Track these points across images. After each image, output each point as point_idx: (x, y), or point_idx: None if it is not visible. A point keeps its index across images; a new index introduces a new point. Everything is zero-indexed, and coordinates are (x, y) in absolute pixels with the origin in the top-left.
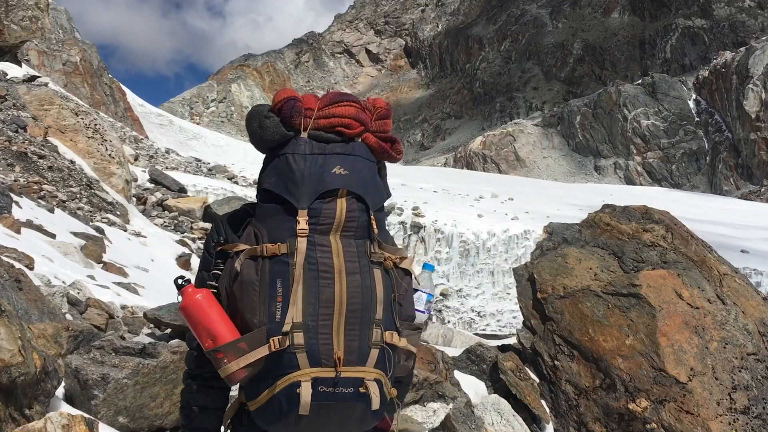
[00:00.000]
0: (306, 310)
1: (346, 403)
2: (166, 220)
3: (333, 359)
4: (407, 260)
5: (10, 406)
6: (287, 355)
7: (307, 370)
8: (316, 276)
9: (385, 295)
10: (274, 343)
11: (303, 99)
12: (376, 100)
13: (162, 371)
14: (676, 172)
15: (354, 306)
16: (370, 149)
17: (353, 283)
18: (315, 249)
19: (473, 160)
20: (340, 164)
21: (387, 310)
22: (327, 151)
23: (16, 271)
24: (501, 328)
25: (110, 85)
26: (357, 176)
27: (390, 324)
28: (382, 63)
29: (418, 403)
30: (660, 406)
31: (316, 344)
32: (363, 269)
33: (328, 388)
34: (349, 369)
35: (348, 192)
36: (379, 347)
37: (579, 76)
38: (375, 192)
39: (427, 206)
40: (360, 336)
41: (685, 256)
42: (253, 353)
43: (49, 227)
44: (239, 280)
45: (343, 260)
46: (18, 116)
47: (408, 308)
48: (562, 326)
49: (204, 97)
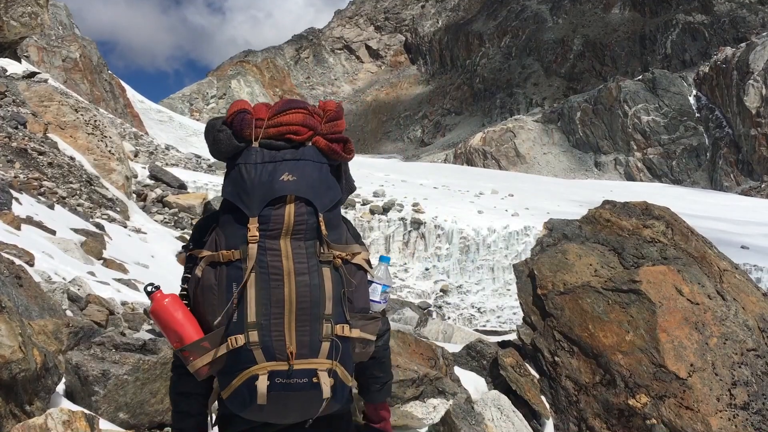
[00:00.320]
0: (259, 311)
1: (300, 392)
2: (166, 216)
3: (286, 353)
4: (360, 256)
5: (10, 403)
6: (245, 351)
7: (263, 364)
8: (267, 278)
9: (335, 292)
10: (231, 342)
11: (255, 109)
12: (326, 102)
13: (162, 367)
14: (677, 168)
15: (303, 304)
16: (321, 151)
17: (302, 283)
18: (266, 253)
19: (473, 157)
20: (289, 171)
21: (337, 305)
22: (277, 158)
23: (17, 267)
24: (501, 324)
25: (110, 82)
26: (305, 181)
27: (340, 318)
28: (382, 59)
29: (419, 399)
30: (660, 402)
31: (270, 341)
32: (312, 269)
33: (284, 379)
34: (301, 362)
35: (296, 197)
36: (330, 340)
37: (579, 71)
38: (324, 194)
39: (427, 202)
40: (311, 331)
41: (685, 252)
42: (214, 351)
43: (49, 223)
44: (200, 285)
45: (292, 262)
46: (18, 112)
47: (360, 301)
48: (562, 322)
49: (204, 93)
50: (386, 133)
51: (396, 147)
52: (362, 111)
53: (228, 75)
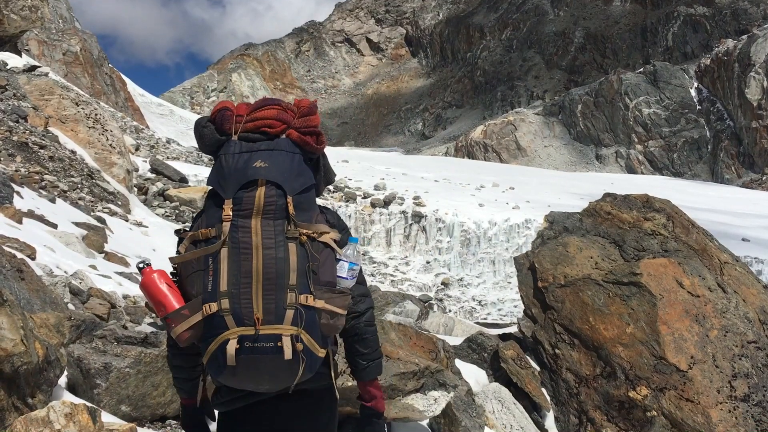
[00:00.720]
0: (230, 281)
1: (267, 356)
2: (167, 209)
3: (253, 319)
4: (327, 235)
5: (12, 396)
6: (218, 318)
7: (234, 329)
8: (238, 252)
9: (299, 265)
10: (206, 309)
11: (237, 108)
12: (301, 100)
13: (164, 360)
14: (678, 161)
15: (269, 275)
16: (294, 143)
17: (268, 256)
18: (237, 230)
19: (474, 150)
20: (262, 159)
21: (301, 276)
22: (253, 148)
23: (18, 261)
24: (502, 317)
25: (111, 75)
26: (276, 168)
27: (305, 288)
28: (383, 52)
29: (419, 392)
30: (660, 394)
31: (239, 308)
32: (278, 244)
33: (251, 343)
34: (267, 327)
35: (267, 181)
36: (294, 308)
37: (580, 64)
38: (294, 179)
39: (428, 196)
40: (276, 299)
41: (686, 244)
42: (192, 318)
43: (50, 217)
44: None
45: (260, 238)
46: (18, 106)
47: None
48: (562, 315)
49: (204, 86)
50: (387, 126)
51: (397, 140)
52: (363, 104)
53: (229, 68)
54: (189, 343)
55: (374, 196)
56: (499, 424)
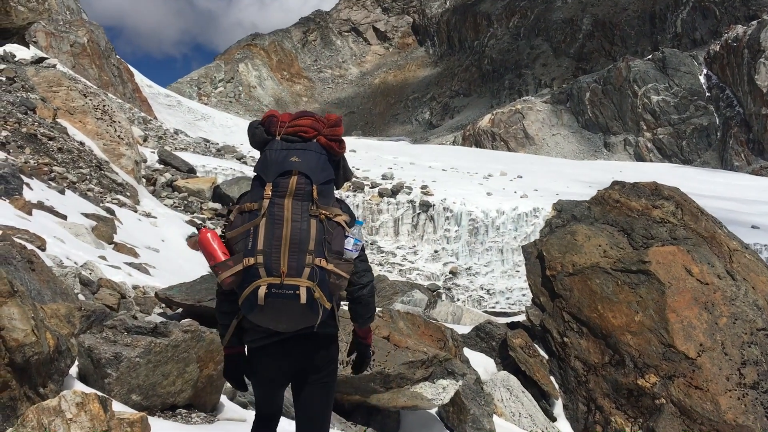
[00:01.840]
0: (266, 243)
1: (287, 300)
2: (175, 200)
3: (280, 272)
4: (340, 217)
5: (24, 385)
6: (254, 269)
7: (265, 278)
8: (273, 222)
9: (317, 236)
10: (246, 261)
11: (282, 116)
12: (330, 115)
13: (174, 350)
14: (687, 148)
15: (294, 240)
16: (322, 146)
17: (295, 227)
18: (274, 206)
19: (482, 138)
20: (297, 156)
21: (318, 245)
22: (291, 147)
23: (29, 252)
24: (510, 305)
25: (118, 66)
26: (307, 163)
27: (320, 254)
28: (390, 41)
29: (428, 380)
30: (669, 382)
31: (270, 262)
32: (303, 219)
33: (277, 290)
34: (289, 279)
35: (299, 172)
36: (311, 267)
37: (588, 51)
38: (320, 173)
39: (435, 185)
40: (297, 259)
41: (694, 232)
42: (234, 267)
43: (60, 208)
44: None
45: (290, 213)
46: (27, 98)
47: (336, 245)
48: (571, 303)
49: (212, 77)
50: (394, 115)
51: (404, 129)
52: (370, 93)
53: (235, 59)
54: (229, 288)
55: (382, 185)
56: (507, 412)
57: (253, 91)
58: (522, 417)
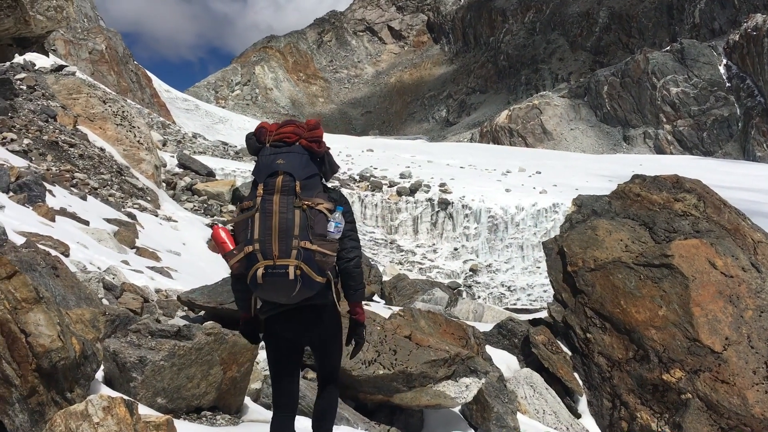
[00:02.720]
0: (260, 233)
1: (279, 278)
2: (195, 204)
3: (273, 255)
4: (321, 205)
5: (51, 390)
6: (253, 254)
7: (262, 262)
8: (264, 215)
9: (301, 222)
10: (246, 249)
11: (270, 126)
12: (310, 120)
13: (197, 352)
14: (708, 140)
15: (282, 228)
16: (303, 147)
17: (282, 218)
18: (265, 202)
19: (499, 135)
20: (282, 158)
21: (302, 230)
22: (277, 152)
23: (53, 258)
24: (532, 302)
25: (136, 72)
26: (290, 164)
27: (305, 237)
28: (405, 40)
29: (451, 379)
30: (695, 376)
31: (264, 248)
32: (288, 210)
33: (272, 270)
34: (280, 260)
35: (284, 172)
36: (297, 249)
37: (605, 45)
38: (301, 170)
39: (454, 182)
40: (286, 243)
41: (717, 224)
42: (239, 255)
43: (82, 214)
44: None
45: (277, 207)
46: (47, 106)
47: (318, 229)
48: (593, 299)
49: (228, 80)
50: (411, 114)
51: (421, 128)
52: (386, 93)
53: (252, 61)
54: (238, 271)
55: (400, 184)
56: (531, 410)
57: (270, 93)
58: (546, 414)
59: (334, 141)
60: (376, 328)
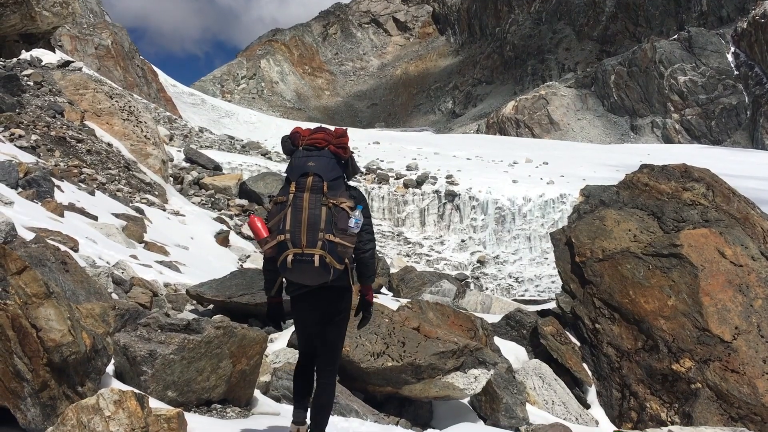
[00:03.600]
0: (291, 224)
1: (306, 264)
2: (203, 198)
3: (301, 245)
4: (344, 203)
5: (63, 384)
6: (284, 243)
7: (291, 249)
8: (295, 210)
9: (326, 218)
10: (279, 237)
11: (303, 131)
12: (338, 129)
13: (207, 346)
14: (716, 129)
15: (310, 222)
16: (331, 152)
17: (311, 213)
18: (296, 198)
19: (506, 126)
20: (313, 161)
21: (327, 224)
22: (308, 155)
23: (62, 253)
24: (540, 293)
25: (142, 67)
26: (319, 166)
27: (329, 231)
28: (410, 31)
29: (459, 370)
30: (704, 366)
31: (294, 238)
32: (316, 207)
33: (300, 257)
34: (308, 249)
35: (314, 173)
36: (322, 240)
37: (612, 34)
38: (329, 172)
39: (460, 174)
40: (313, 235)
41: (727, 213)
42: (272, 242)
43: (90, 209)
44: (270, 212)
45: (307, 203)
46: (55, 101)
47: (341, 224)
48: (601, 289)
49: (234, 74)
50: (417, 106)
51: (427, 120)
52: (392, 85)
53: (257, 55)
54: (270, 256)
55: (407, 176)
56: (540, 401)
57: (276, 87)
58: (555, 405)
59: None
60: (385, 321)
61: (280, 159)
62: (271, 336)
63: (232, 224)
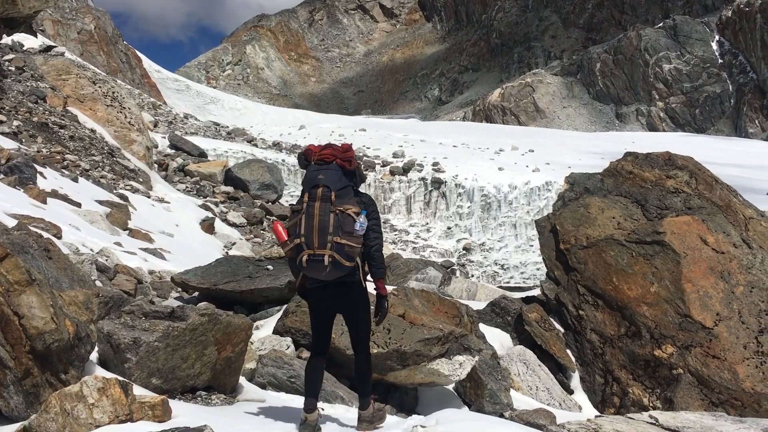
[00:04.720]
0: (305, 229)
1: (317, 263)
2: (188, 185)
3: (313, 246)
4: (350, 209)
5: (46, 372)
6: (299, 245)
7: (306, 251)
8: (308, 217)
9: (334, 223)
10: (296, 241)
11: (314, 149)
12: (344, 144)
13: (191, 333)
14: (700, 117)
15: (321, 227)
16: (338, 165)
17: (321, 219)
18: (309, 207)
19: (492, 113)
20: (322, 174)
21: (336, 229)
22: (319, 168)
23: (45, 240)
24: (525, 280)
25: (126, 53)
26: (328, 178)
27: (337, 234)
28: (397, 18)
29: (444, 357)
30: (686, 352)
31: (308, 241)
32: (325, 214)
33: (313, 257)
34: (319, 250)
35: (323, 185)
36: (331, 242)
37: (598, 21)
38: (336, 183)
39: (447, 161)
40: (323, 238)
41: (709, 201)
42: (291, 244)
43: (74, 196)
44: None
45: (318, 211)
46: (37, 87)
47: (348, 228)
48: (585, 276)
49: (219, 60)
50: (403, 93)
51: (414, 107)
52: (378, 71)
53: (242, 41)
54: (290, 256)
55: (393, 163)
56: (524, 386)
57: (261, 73)
58: (539, 390)
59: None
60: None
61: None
62: (256, 323)
63: (218, 211)
